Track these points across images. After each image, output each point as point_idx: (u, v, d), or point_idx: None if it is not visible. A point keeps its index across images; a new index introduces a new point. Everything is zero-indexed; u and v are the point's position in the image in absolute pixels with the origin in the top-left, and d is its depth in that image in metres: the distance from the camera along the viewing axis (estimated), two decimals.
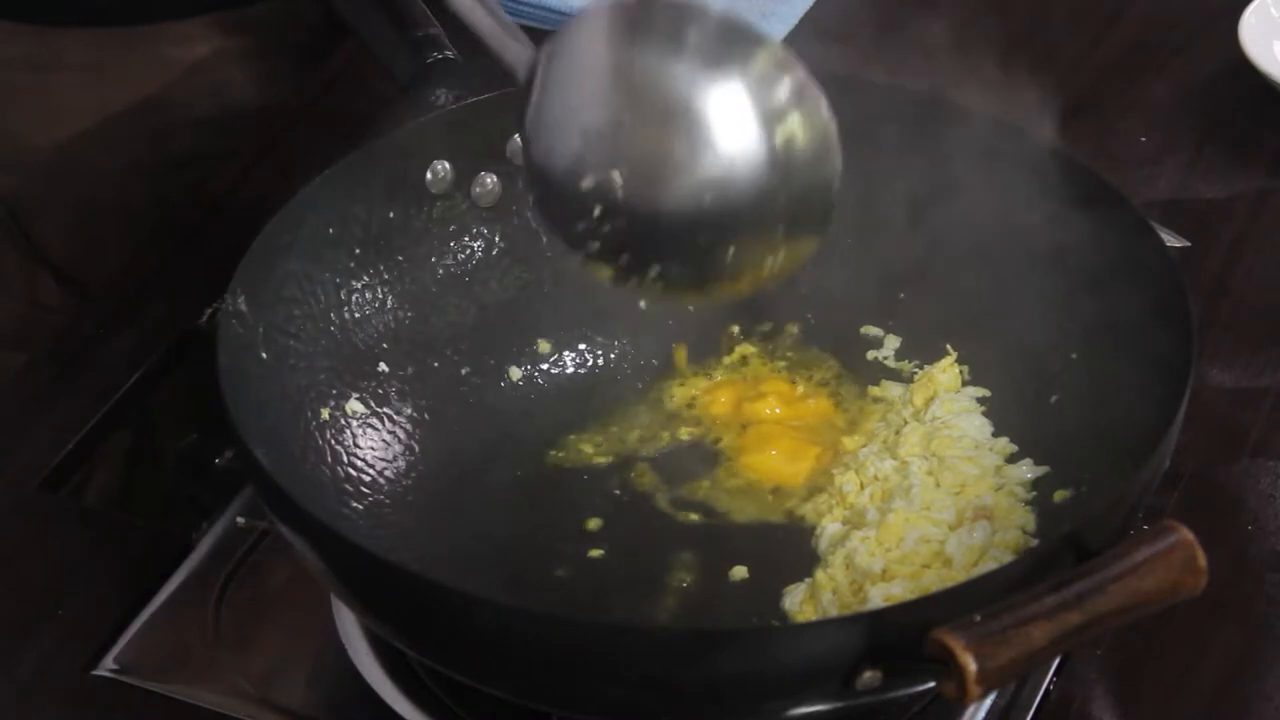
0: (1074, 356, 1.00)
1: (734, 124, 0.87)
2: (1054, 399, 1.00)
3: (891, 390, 1.05)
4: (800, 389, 1.06)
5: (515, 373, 1.06)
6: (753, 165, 0.87)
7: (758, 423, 1.04)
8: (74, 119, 1.26)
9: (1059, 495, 0.96)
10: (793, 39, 1.36)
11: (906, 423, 1.02)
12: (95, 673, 0.97)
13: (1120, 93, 1.32)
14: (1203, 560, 0.81)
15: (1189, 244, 1.17)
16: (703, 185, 0.87)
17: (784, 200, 0.87)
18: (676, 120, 0.86)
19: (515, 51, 0.90)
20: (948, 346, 1.04)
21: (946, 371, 1.04)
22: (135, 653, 0.98)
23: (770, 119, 0.87)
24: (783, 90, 0.87)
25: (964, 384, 1.04)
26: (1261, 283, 1.16)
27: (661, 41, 0.87)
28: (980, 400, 1.03)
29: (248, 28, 1.27)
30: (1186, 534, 0.81)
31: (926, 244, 1.06)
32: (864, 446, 1.02)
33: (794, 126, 0.87)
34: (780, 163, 0.87)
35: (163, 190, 1.26)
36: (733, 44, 0.87)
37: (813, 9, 1.39)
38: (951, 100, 1.07)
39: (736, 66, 0.87)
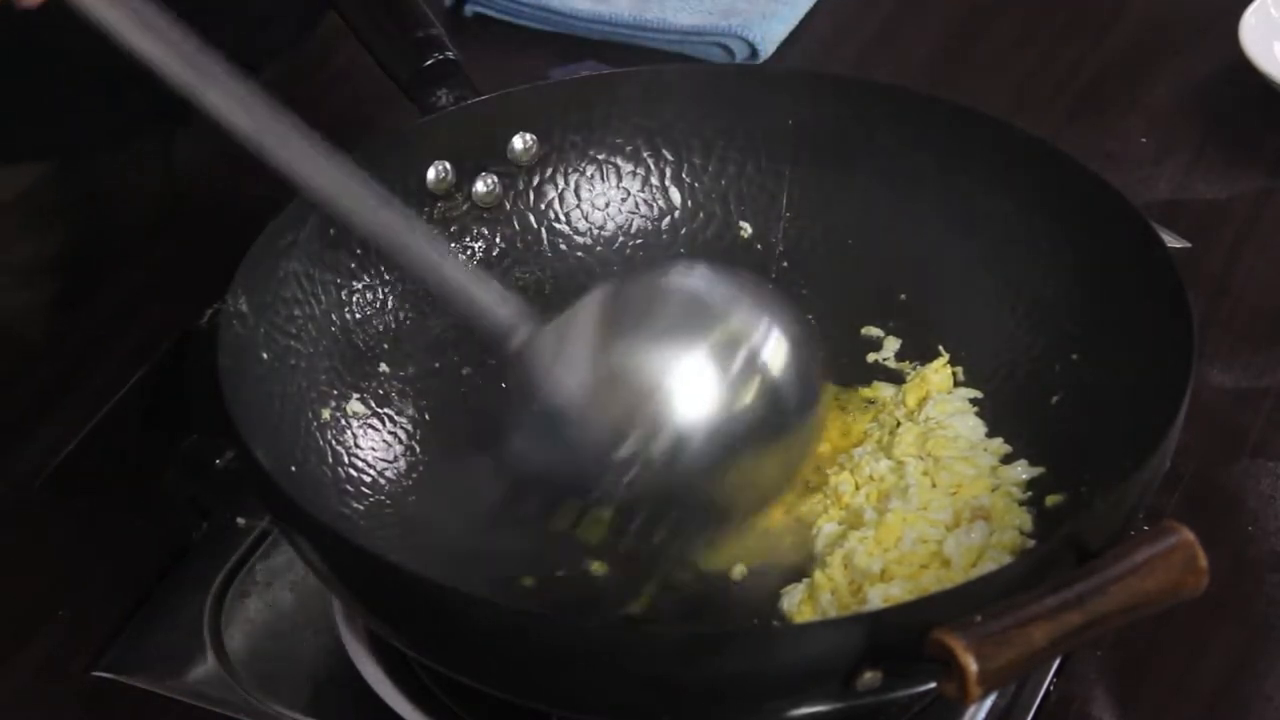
0: (1074, 357, 1.00)
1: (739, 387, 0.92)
2: (1054, 400, 1.00)
3: (884, 391, 1.05)
4: None
5: None
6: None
7: None
8: None
9: (1051, 499, 0.96)
10: (793, 39, 1.36)
11: (900, 423, 1.02)
12: (95, 673, 0.97)
13: (1120, 93, 1.32)
14: (1203, 560, 0.81)
15: (1189, 244, 1.17)
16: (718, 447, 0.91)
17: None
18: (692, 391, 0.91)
19: (506, 316, 0.93)
20: (940, 348, 1.05)
21: (939, 372, 1.04)
22: (135, 653, 0.98)
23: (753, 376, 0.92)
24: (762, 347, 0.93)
25: (957, 385, 1.04)
26: (1261, 283, 1.17)
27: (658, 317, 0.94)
28: (973, 401, 1.03)
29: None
30: (1187, 534, 0.81)
31: (927, 245, 1.06)
32: (857, 447, 1.02)
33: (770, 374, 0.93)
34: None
35: None
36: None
37: (814, 9, 1.39)
38: (952, 101, 1.07)
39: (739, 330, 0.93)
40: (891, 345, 1.07)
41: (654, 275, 0.96)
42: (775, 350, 0.93)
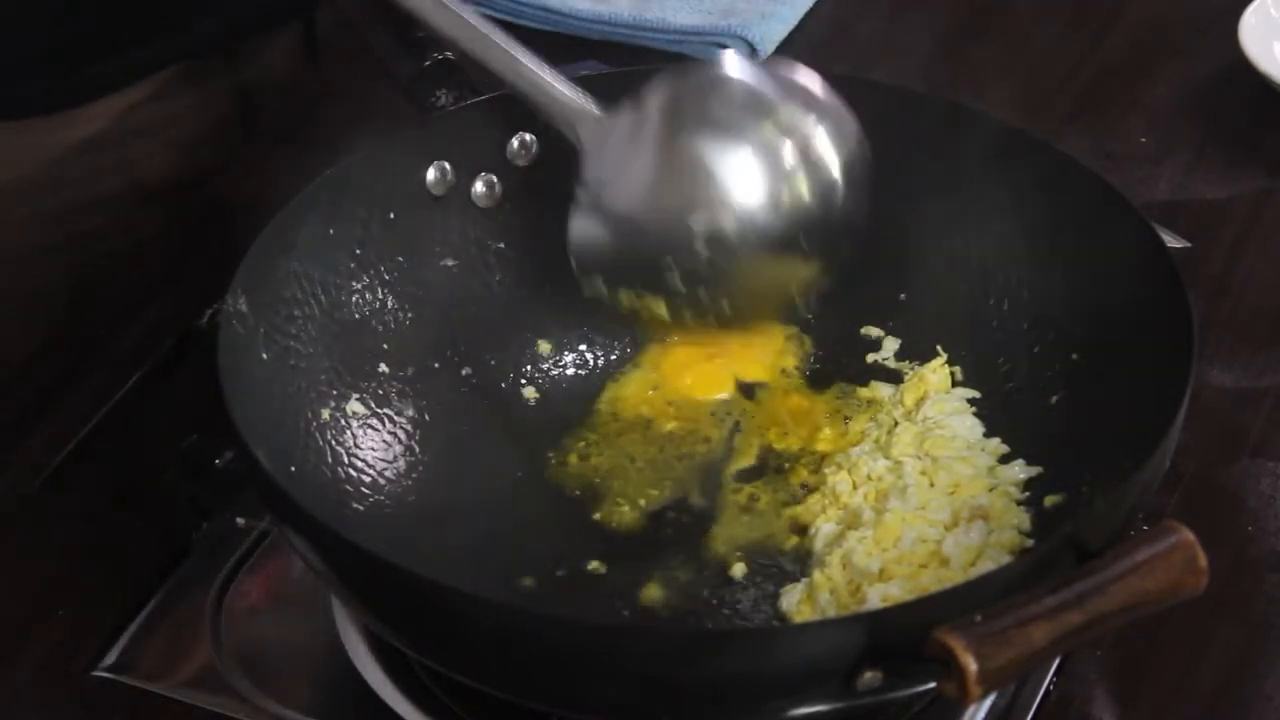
0: (1074, 357, 1.00)
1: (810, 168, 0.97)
2: (1054, 400, 1.00)
3: (881, 391, 1.05)
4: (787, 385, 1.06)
5: (515, 373, 1.06)
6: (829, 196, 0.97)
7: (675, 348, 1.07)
8: None
9: (1050, 499, 0.96)
10: (793, 39, 1.36)
11: (897, 423, 1.02)
12: (95, 673, 0.97)
13: (1120, 93, 1.32)
14: (1203, 560, 0.81)
15: (1189, 244, 1.17)
16: (782, 223, 0.97)
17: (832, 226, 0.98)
18: (760, 168, 0.96)
19: (576, 108, 0.99)
20: (938, 348, 1.05)
21: (937, 372, 1.04)
22: (135, 653, 0.98)
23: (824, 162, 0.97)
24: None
25: (955, 385, 1.04)
26: (1261, 283, 1.17)
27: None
28: (971, 401, 1.03)
29: (151, 102, 1.26)
30: (1187, 534, 0.81)
31: (926, 245, 1.06)
32: (855, 446, 1.02)
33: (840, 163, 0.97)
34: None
35: (75, 268, 1.24)
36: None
37: (813, 8, 1.39)
38: (952, 101, 1.07)
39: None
40: (891, 345, 1.07)
41: (714, 68, 1.00)
42: (823, 144, 0.97)
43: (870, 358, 1.07)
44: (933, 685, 0.82)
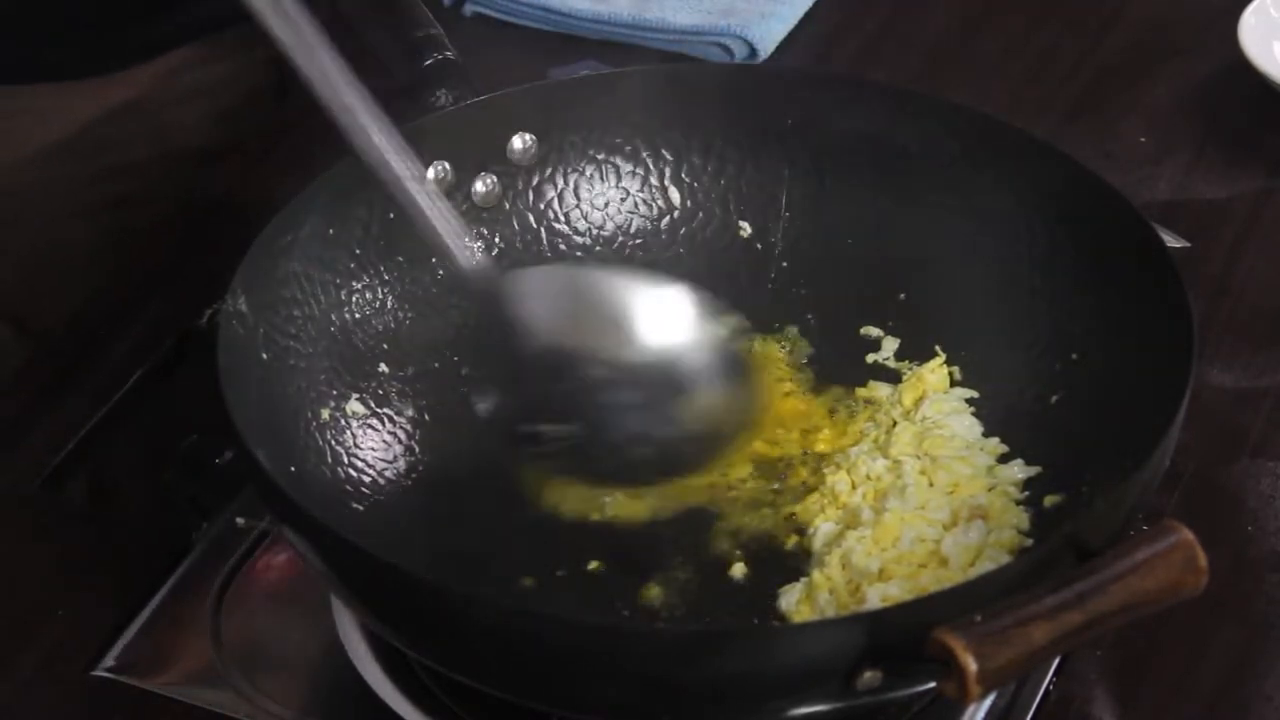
0: (1074, 356, 1.00)
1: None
2: (1054, 399, 1.00)
3: (879, 390, 1.05)
4: (785, 386, 1.06)
5: None
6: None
7: None
8: (6, 167, 1.24)
9: (1050, 499, 0.96)
10: (792, 39, 1.36)
11: (896, 423, 1.02)
12: (95, 673, 0.97)
13: (1120, 93, 1.32)
14: (1203, 560, 0.81)
15: (1189, 244, 1.17)
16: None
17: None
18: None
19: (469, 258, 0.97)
20: (937, 348, 1.05)
21: (935, 372, 1.04)
22: (135, 653, 0.98)
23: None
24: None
25: (954, 384, 1.04)
26: (1261, 283, 1.17)
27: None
28: (970, 401, 1.03)
29: (187, 69, 1.26)
30: (1187, 534, 0.81)
31: (926, 245, 1.06)
32: (854, 446, 1.02)
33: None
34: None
35: (107, 232, 1.25)
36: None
37: (813, 8, 1.39)
38: (951, 101, 1.07)
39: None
40: (890, 345, 1.07)
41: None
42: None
43: (869, 358, 1.07)
44: (933, 685, 0.82)
